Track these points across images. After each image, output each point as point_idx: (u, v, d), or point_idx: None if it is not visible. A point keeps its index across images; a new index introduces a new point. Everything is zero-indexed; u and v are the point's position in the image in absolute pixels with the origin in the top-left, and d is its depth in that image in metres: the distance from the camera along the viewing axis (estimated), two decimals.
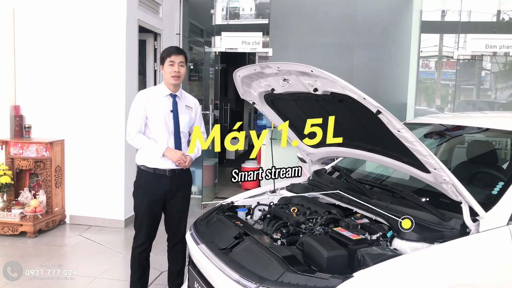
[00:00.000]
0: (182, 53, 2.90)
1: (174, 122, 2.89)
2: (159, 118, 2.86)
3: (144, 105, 2.86)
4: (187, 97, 3.05)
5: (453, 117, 3.55)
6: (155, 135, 2.87)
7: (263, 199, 2.77)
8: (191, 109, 3.01)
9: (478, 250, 1.88)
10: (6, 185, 4.52)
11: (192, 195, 6.75)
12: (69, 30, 4.78)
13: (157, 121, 2.86)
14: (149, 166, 2.86)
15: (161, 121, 2.86)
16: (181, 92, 2.97)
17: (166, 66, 2.85)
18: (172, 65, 2.84)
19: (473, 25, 5.81)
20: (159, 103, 2.88)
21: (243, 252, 2.00)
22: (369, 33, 5.62)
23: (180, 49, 2.95)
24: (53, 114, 4.87)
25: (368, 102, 1.79)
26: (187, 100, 3.02)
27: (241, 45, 5.99)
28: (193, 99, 3.08)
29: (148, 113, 2.86)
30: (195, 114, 3.03)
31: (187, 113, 2.97)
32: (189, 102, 3.02)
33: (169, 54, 2.85)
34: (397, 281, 1.71)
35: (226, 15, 6.47)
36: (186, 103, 2.99)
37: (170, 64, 2.84)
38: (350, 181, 2.64)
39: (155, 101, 2.88)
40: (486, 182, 2.44)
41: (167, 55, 2.85)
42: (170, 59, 2.84)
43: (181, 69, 2.87)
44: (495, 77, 6.17)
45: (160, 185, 2.86)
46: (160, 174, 2.85)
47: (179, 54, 2.86)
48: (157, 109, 2.87)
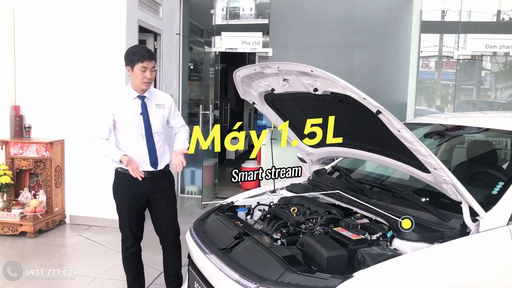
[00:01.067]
0: (154, 58, 2.78)
1: (145, 124, 2.78)
2: (129, 122, 2.77)
3: (112, 110, 2.76)
4: (157, 94, 2.92)
5: (453, 117, 3.55)
6: (127, 140, 2.80)
7: (263, 199, 2.77)
8: (163, 107, 2.88)
9: (478, 250, 1.88)
10: (6, 185, 4.52)
11: (192, 195, 6.77)
12: (69, 30, 4.78)
13: (127, 125, 2.78)
14: (125, 168, 2.75)
15: (130, 125, 2.77)
16: (150, 92, 2.84)
17: (136, 70, 2.70)
18: (144, 71, 2.70)
19: (473, 25, 5.80)
20: (127, 107, 2.78)
21: (243, 252, 2.00)
22: (369, 33, 5.62)
23: (152, 53, 2.79)
24: (53, 114, 4.87)
25: (368, 102, 1.79)
26: (158, 98, 2.89)
27: (241, 45, 5.99)
28: (164, 96, 2.96)
29: (116, 117, 2.77)
30: (169, 110, 2.92)
31: (158, 112, 2.85)
32: (160, 100, 2.89)
33: (141, 59, 2.68)
34: (397, 281, 1.71)
35: (226, 15, 6.47)
36: (156, 102, 2.85)
37: (142, 70, 2.69)
38: (350, 181, 2.64)
39: (123, 105, 2.78)
40: (486, 182, 2.44)
41: (139, 60, 2.68)
42: (143, 65, 2.69)
43: (152, 75, 2.75)
44: (495, 77, 6.17)
45: (139, 187, 2.78)
46: None
47: (151, 60, 2.72)
48: (125, 113, 2.77)
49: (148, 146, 2.80)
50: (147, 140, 2.79)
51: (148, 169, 2.79)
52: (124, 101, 2.80)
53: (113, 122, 2.78)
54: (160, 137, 2.86)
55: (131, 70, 2.73)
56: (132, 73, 2.74)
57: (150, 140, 2.80)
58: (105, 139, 2.77)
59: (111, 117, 2.77)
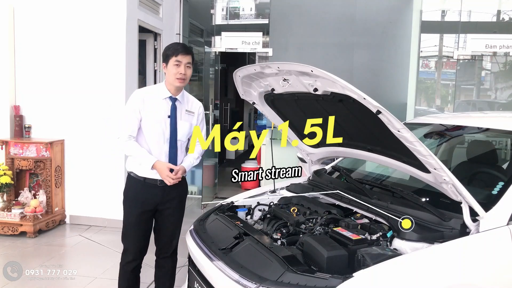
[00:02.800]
0: (190, 52, 2.57)
1: (171, 129, 2.58)
2: (154, 124, 2.56)
3: (139, 107, 2.55)
4: (190, 100, 2.71)
5: (453, 117, 3.55)
6: (148, 141, 2.59)
7: (263, 199, 2.77)
8: (193, 115, 2.68)
9: (478, 250, 1.88)
10: (6, 185, 4.52)
11: (192, 195, 6.77)
12: (69, 30, 4.78)
13: (152, 126, 2.57)
14: (139, 174, 2.59)
15: (156, 127, 2.56)
16: (182, 95, 2.64)
17: (170, 65, 2.52)
18: (178, 65, 2.51)
19: (473, 25, 5.80)
20: (156, 106, 2.57)
21: (243, 252, 2.00)
22: (369, 33, 5.62)
23: (188, 48, 2.60)
24: (53, 114, 4.87)
25: (368, 102, 1.79)
26: (189, 104, 2.69)
27: (241, 45, 5.99)
28: (196, 103, 2.74)
29: (142, 116, 2.56)
30: (197, 120, 2.71)
31: (187, 119, 2.65)
32: (191, 106, 2.69)
33: (175, 52, 2.51)
34: (397, 281, 1.71)
35: (226, 15, 6.47)
36: (187, 108, 2.66)
37: (175, 65, 2.51)
38: (350, 181, 2.64)
39: (152, 104, 2.57)
40: (486, 182, 2.44)
41: (173, 54, 2.51)
42: (177, 59, 2.51)
43: (187, 71, 2.55)
44: (495, 77, 6.17)
45: (151, 196, 2.59)
46: (151, 184, 2.58)
47: (187, 54, 2.53)
48: (152, 112, 2.56)
49: (170, 152, 2.59)
50: (170, 146, 2.59)
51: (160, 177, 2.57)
52: (153, 99, 2.58)
53: (139, 119, 2.56)
54: (182, 147, 2.66)
55: (166, 67, 2.56)
56: (166, 69, 2.56)
57: (173, 146, 2.59)
58: (133, 138, 2.57)
59: (138, 114, 2.55)
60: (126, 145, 2.56)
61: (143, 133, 2.60)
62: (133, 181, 2.64)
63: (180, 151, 2.65)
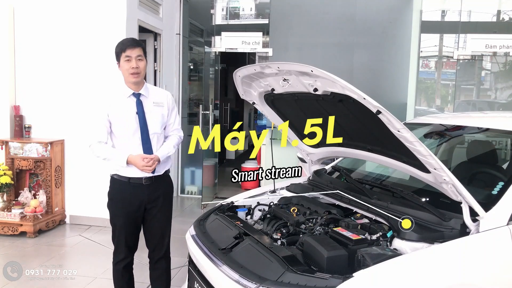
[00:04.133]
0: (140, 45, 2.55)
1: (141, 125, 2.55)
2: (124, 123, 2.55)
3: (107, 111, 2.55)
4: (156, 92, 2.69)
5: (453, 117, 3.55)
6: (122, 142, 2.58)
7: (263, 199, 2.77)
8: (162, 105, 2.65)
9: (478, 250, 1.88)
10: (6, 185, 4.52)
11: (192, 195, 6.76)
12: (69, 30, 4.79)
13: (122, 126, 2.56)
14: (122, 174, 2.57)
15: (126, 126, 2.55)
16: (146, 89, 2.62)
17: (122, 62, 2.51)
18: (129, 60, 2.49)
19: (473, 25, 5.80)
20: (122, 106, 2.56)
21: (243, 252, 2.00)
22: (369, 33, 5.63)
23: (136, 40, 2.60)
24: (53, 114, 4.87)
25: (368, 102, 1.79)
26: (156, 96, 2.66)
27: (241, 45, 5.99)
28: (164, 93, 2.73)
29: (111, 118, 2.56)
30: (168, 109, 2.68)
31: (156, 111, 2.62)
32: (158, 97, 2.66)
33: (123, 47, 2.49)
34: (397, 281, 1.71)
35: (226, 15, 6.47)
36: (154, 100, 2.63)
37: (126, 60, 2.49)
38: (350, 181, 2.64)
39: (118, 105, 2.56)
40: (486, 182, 2.44)
41: (121, 50, 2.50)
42: (126, 54, 2.49)
43: (140, 64, 2.52)
44: (495, 77, 6.17)
45: (137, 195, 2.58)
46: (136, 183, 2.56)
47: (135, 47, 2.50)
48: (120, 113, 2.55)
49: (144, 149, 2.56)
50: (143, 142, 2.56)
51: (144, 175, 2.56)
52: (118, 101, 2.58)
53: (109, 123, 2.58)
54: (159, 139, 2.64)
55: (118, 64, 2.56)
56: (120, 67, 2.55)
57: (146, 142, 2.57)
58: (104, 143, 2.59)
59: (106, 118, 2.57)
60: (97, 149, 2.59)
61: (116, 136, 2.61)
62: (117, 183, 2.63)
63: (156, 144, 2.63)
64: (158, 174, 2.63)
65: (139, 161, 2.50)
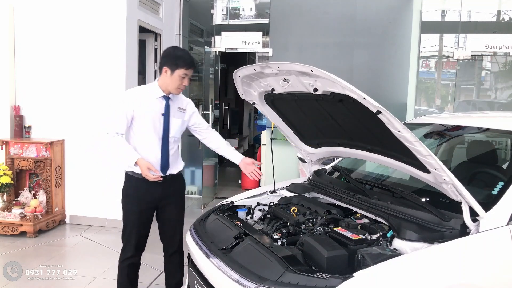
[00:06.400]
0: (196, 66, 2.71)
1: (164, 127, 2.67)
2: (148, 122, 2.64)
3: (132, 107, 2.62)
4: (180, 98, 2.81)
5: (453, 117, 3.55)
6: (141, 139, 2.66)
7: (263, 199, 2.78)
8: (184, 111, 2.79)
9: (478, 250, 1.88)
10: (6, 185, 4.52)
11: (192, 195, 6.76)
12: (69, 30, 4.79)
13: (146, 124, 2.64)
14: (137, 171, 2.63)
15: (150, 125, 2.64)
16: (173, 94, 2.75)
17: (176, 75, 2.59)
18: (183, 78, 2.61)
19: (473, 25, 5.80)
20: (150, 105, 2.65)
21: (243, 252, 2.00)
22: (369, 33, 5.62)
23: (195, 62, 2.71)
24: (53, 114, 4.87)
25: (368, 102, 1.78)
26: (180, 102, 2.79)
27: (241, 45, 5.99)
28: (185, 100, 2.85)
29: (136, 114, 2.63)
30: (190, 115, 2.83)
31: (179, 116, 2.76)
32: (181, 103, 2.79)
33: (185, 66, 2.59)
34: (397, 281, 1.71)
35: (226, 15, 6.47)
36: (178, 105, 2.76)
37: (182, 77, 2.60)
38: (350, 181, 2.64)
39: (146, 103, 2.64)
40: (486, 182, 2.44)
41: (183, 66, 2.59)
42: (185, 72, 2.60)
43: (188, 83, 2.69)
44: (495, 77, 6.16)
45: (151, 192, 2.68)
46: (150, 181, 2.61)
47: (194, 68, 2.66)
48: (147, 111, 2.64)
49: (162, 149, 2.68)
50: (163, 143, 2.68)
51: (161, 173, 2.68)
52: (146, 99, 2.66)
53: (131, 118, 2.65)
54: (175, 143, 2.76)
55: (170, 73, 2.60)
56: (169, 75, 2.61)
57: (165, 143, 2.69)
58: (121, 135, 2.64)
59: (131, 113, 2.63)
60: (113, 141, 2.63)
61: (135, 132, 2.68)
62: (132, 179, 2.71)
63: (172, 149, 2.75)
64: (172, 173, 2.76)
65: (144, 169, 2.57)
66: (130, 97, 2.68)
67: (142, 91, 2.74)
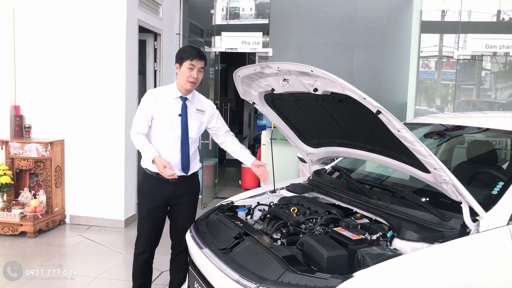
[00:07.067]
0: (204, 58, 2.72)
1: (182, 127, 2.74)
2: (165, 122, 2.72)
3: (151, 106, 2.72)
4: (200, 100, 2.86)
5: (453, 117, 3.55)
6: (159, 139, 2.75)
7: (263, 199, 2.78)
8: (203, 113, 2.83)
9: (478, 250, 1.88)
10: (6, 185, 4.52)
11: None
12: (69, 30, 4.79)
13: (163, 124, 2.73)
14: (152, 170, 2.73)
15: (167, 125, 2.72)
16: (193, 95, 2.81)
17: (184, 68, 2.66)
18: (191, 69, 2.65)
19: (473, 25, 5.80)
20: (167, 105, 2.73)
21: (243, 252, 2.00)
22: (369, 33, 5.63)
23: (203, 54, 2.73)
24: (53, 114, 4.87)
25: (368, 102, 1.78)
26: (200, 104, 2.84)
27: (241, 45, 5.99)
28: (206, 102, 2.89)
29: (154, 114, 2.72)
30: (209, 118, 2.86)
31: (197, 117, 2.80)
32: (201, 105, 2.84)
33: (190, 57, 2.65)
34: (397, 281, 1.71)
35: (226, 15, 6.47)
36: (197, 107, 2.81)
37: (189, 68, 2.65)
38: (350, 181, 2.64)
39: (163, 103, 2.73)
40: (486, 182, 2.44)
41: (188, 57, 2.65)
42: (191, 63, 2.65)
43: (199, 75, 2.70)
44: (495, 77, 6.17)
45: (163, 191, 2.76)
46: (163, 179, 2.68)
47: (201, 60, 2.68)
48: (164, 111, 2.72)
49: (182, 150, 2.75)
50: (182, 144, 2.75)
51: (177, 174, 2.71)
52: (164, 99, 2.73)
53: (151, 118, 2.73)
54: (193, 144, 2.82)
55: (179, 68, 2.69)
56: (179, 70, 2.69)
57: (184, 143, 2.75)
58: (142, 134, 2.73)
59: (150, 113, 2.71)
60: (135, 139, 2.75)
61: (154, 132, 2.77)
62: (147, 176, 2.80)
63: (191, 150, 2.81)
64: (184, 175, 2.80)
65: (160, 166, 2.62)
66: (150, 97, 2.75)
67: (161, 91, 2.82)
